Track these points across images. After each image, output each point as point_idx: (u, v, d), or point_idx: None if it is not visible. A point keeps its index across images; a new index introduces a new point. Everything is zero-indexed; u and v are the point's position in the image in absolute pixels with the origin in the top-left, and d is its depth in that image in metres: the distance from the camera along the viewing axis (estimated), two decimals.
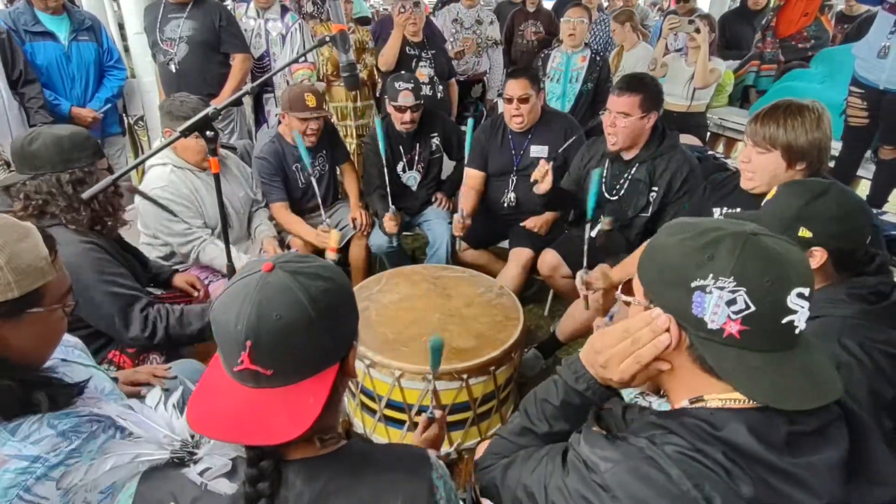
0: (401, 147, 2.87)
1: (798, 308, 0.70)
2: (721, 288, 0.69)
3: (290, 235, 2.67)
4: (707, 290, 0.70)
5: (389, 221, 2.62)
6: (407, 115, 2.70)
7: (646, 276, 0.81)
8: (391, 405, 1.82)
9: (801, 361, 0.72)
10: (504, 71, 4.43)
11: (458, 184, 2.90)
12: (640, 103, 2.09)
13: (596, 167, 2.35)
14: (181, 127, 1.43)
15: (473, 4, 4.20)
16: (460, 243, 2.78)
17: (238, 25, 3.24)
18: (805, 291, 0.70)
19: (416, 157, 2.91)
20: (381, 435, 1.91)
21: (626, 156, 2.25)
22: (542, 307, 2.98)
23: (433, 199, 3.03)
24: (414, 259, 3.36)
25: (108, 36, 3.21)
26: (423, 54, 3.49)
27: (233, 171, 2.45)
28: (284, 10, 3.45)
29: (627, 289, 0.87)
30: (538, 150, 2.68)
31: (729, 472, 0.66)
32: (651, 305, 0.78)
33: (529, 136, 2.68)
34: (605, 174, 2.31)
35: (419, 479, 0.80)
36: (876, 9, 3.08)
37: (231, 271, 1.72)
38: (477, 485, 1.01)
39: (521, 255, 2.58)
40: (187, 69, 3.10)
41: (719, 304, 0.70)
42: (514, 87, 2.55)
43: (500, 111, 2.86)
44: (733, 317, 0.69)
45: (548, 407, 0.94)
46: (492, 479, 0.96)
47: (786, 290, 0.69)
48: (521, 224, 2.68)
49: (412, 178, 2.95)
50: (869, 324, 1.10)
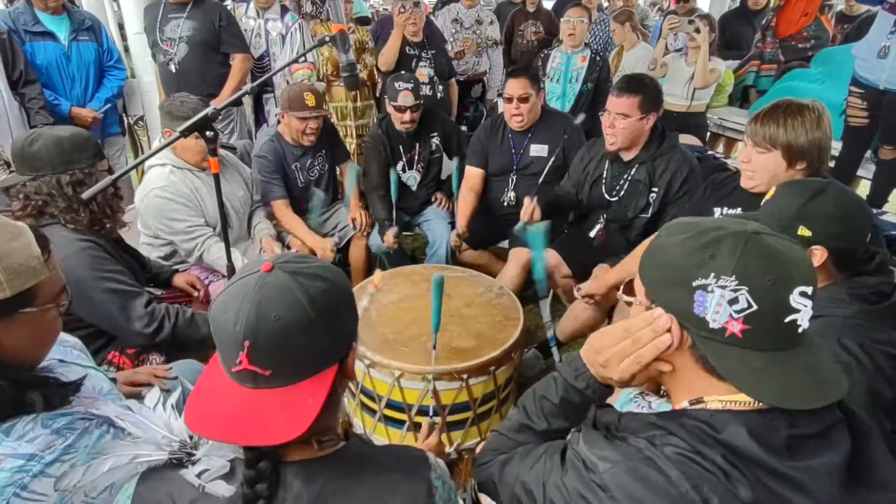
0: (400, 147, 2.87)
1: (801, 307, 0.69)
2: (723, 287, 0.69)
3: (291, 235, 2.67)
4: (709, 289, 0.70)
5: (389, 238, 2.62)
6: (407, 115, 2.71)
7: (647, 276, 0.80)
8: (391, 405, 1.82)
9: (804, 360, 0.71)
10: (504, 71, 4.43)
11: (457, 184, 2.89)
12: (640, 104, 2.08)
13: (595, 168, 2.36)
14: (181, 127, 1.43)
15: (473, 4, 4.21)
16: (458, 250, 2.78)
17: (238, 25, 3.24)
18: (808, 290, 0.69)
19: (415, 157, 2.91)
20: (380, 435, 1.91)
21: (625, 156, 2.24)
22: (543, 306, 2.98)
23: (433, 199, 3.03)
24: (414, 259, 3.36)
25: (108, 36, 3.22)
26: (423, 54, 3.49)
27: (232, 171, 2.44)
28: (284, 10, 3.45)
29: (629, 289, 0.86)
30: (538, 149, 2.68)
31: (728, 474, 0.66)
32: (652, 305, 0.78)
33: (529, 135, 2.68)
34: (605, 175, 2.31)
35: (418, 480, 0.80)
36: (876, 9, 3.08)
37: (231, 271, 1.72)
38: (475, 481, 1.01)
39: (520, 254, 2.57)
40: (187, 69, 3.10)
41: (721, 303, 0.69)
42: (514, 86, 2.55)
43: (500, 111, 2.86)
44: (735, 316, 0.69)
45: (546, 404, 0.93)
46: (489, 476, 0.95)
47: (788, 289, 0.69)
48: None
49: (412, 178, 2.95)
50: (869, 324, 1.10)
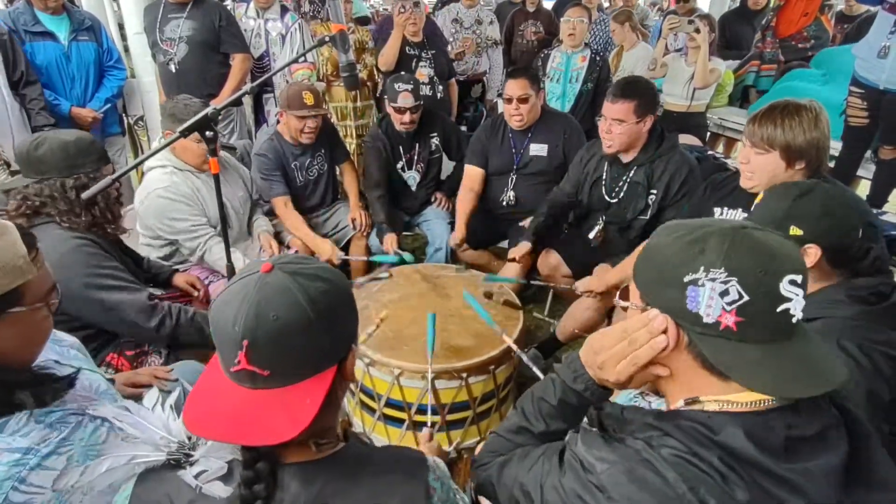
0: (400, 147, 2.86)
1: (792, 295, 0.69)
2: (713, 280, 0.70)
3: (291, 235, 2.67)
4: (699, 283, 0.71)
5: (389, 244, 2.62)
6: (406, 116, 2.70)
7: (640, 277, 0.81)
8: (390, 404, 1.82)
9: (800, 351, 0.71)
10: (504, 71, 4.43)
11: (457, 183, 2.89)
12: (635, 109, 2.07)
13: (595, 169, 2.35)
14: (181, 127, 1.43)
15: (473, 4, 4.20)
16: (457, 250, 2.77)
17: (238, 25, 3.24)
18: (797, 279, 0.70)
19: (415, 157, 2.91)
20: (380, 434, 1.91)
21: (624, 158, 2.24)
22: (541, 307, 2.98)
23: (433, 199, 3.03)
24: (414, 259, 3.35)
25: (107, 36, 3.22)
26: (423, 54, 3.48)
27: (231, 171, 2.44)
28: (284, 10, 3.45)
29: (625, 294, 0.87)
30: (538, 149, 2.68)
31: (724, 476, 0.66)
32: (648, 307, 0.78)
33: (529, 134, 2.68)
34: (604, 177, 2.31)
35: (416, 482, 0.80)
36: (876, 9, 3.08)
37: (231, 271, 1.72)
38: (473, 483, 1.01)
39: (521, 250, 2.56)
40: (187, 69, 3.10)
41: (713, 296, 0.70)
42: (514, 86, 2.55)
43: (499, 111, 2.86)
44: (727, 308, 0.69)
45: (545, 406, 0.93)
46: (488, 477, 0.95)
47: (778, 278, 0.69)
48: (521, 224, 2.68)
49: (412, 178, 2.95)
50: (869, 325, 1.10)
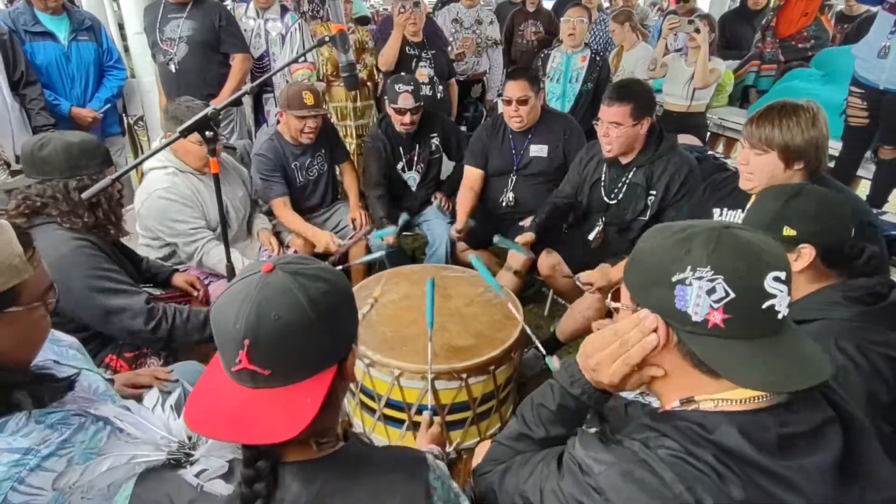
0: (400, 147, 2.86)
1: (777, 292, 0.71)
2: (700, 278, 0.71)
3: (291, 236, 2.67)
4: (687, 282, 0.72)
5: (391, 239, 2.61)
6: (407, 118, 2.71)
7: (630, 279, 0.83)
8: (390, 404, 1.82)
9: (788, 346, 0.73)
10: (504, 71, 4.43)
11: (457, 184, 2.90)
12: (631, 112, 2.07)
13: (594, 171, 2.35)
14: (181, 127, 1.43)
15: (473, 4, 4.21)
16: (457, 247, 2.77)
17: (238, 25, 3.24)
18: (781, 275, 0.72)
19: (415, 158, 2.91)
20: (380, 434, 1.91)
21: (623, 160, 2.24)
22: (541, 307, 2.98)
23: (433, 199, 3.03)
24: (414, 259, 3.36)
25: (107, 36, 3.22)
26: (423, 54, 3.48)
27: (231, 172, 2.45)
28: (284, 10, 3.45)
29: (616, 296, 0.89)
30: (538, 150, 2.68)
31: (720, 474, 0.67)
32: (638, 308, 0.80)
33: (529, 135, 2.68)
34: (603, 178, 2.31)
35: (416, 481, 0.80)
36: (876, 9, 3.07)
37: (231, 271, 1.72)
38: (476, 489, 1.02)
39: (520, 254, 2.57)
40: (187, 69, 3.10)
41: (700, 294, 0.72)
42: (513, 88, 2.55)
43: (499, 111, 2.86)
44: (715, 306, 0.71)
45: (544, 412, 0.94)
46: (489, 485, 0.96)
47: (762, 275, 0.71)
48: (521, 224, 2.67)
49: (412, 179, 2.95)
50: (867, 326, 1.10)
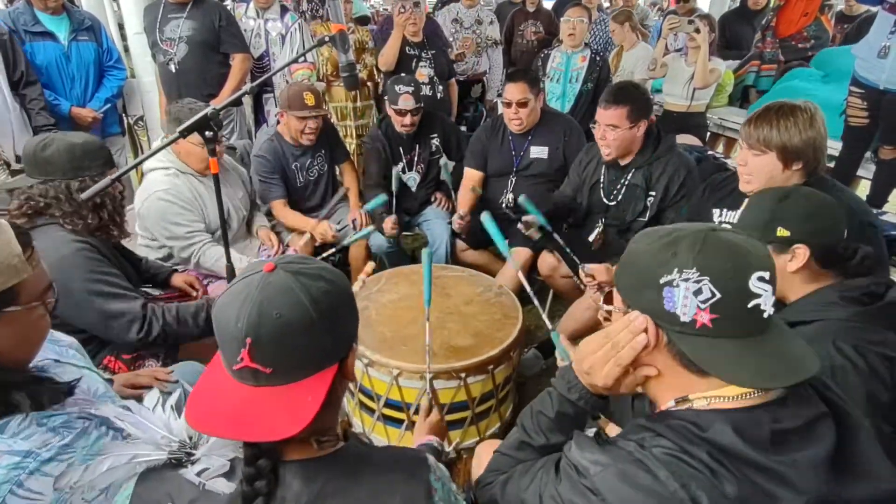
0: (400, 148, 2.86)
1: (761, 291, 0.73)
2: (686, 280, 0.73)
3: (290, 236, 2.67)
4: (674, 283, 0.74)
5: (390, 228, 2.62)
6: (407, 119, 2.71)
7: (621, 282, 0.85)
8: (389, 404, 1.82)
9: (774, 345, 0.75)
10: (504, 71, 4.42)
11: (457, 184, 2.90)
12: (628, 114, 2.08)
13: (593, 172, 2.35)
14: (181, 127, 1.43)
15: (473, 4, 4.21)
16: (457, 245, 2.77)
17: (238, 25, 3.24)
18: (766, 275, 0.74)
19: (415, 158, 2.91)
20: (379, 434, 1.91)
21: (621, 161, 2.24)
22: (541, 307, 2.97)
23: (432, 199, 3.03)
24: (414, 259, 3.35)
25: (107, 36, 3.22)
26: (423, 54, 3.48)
27: (231, 172, 2.45)
28: (284, 9, 3.45)
29: (608, 299, 0.91)
30: (538, 151, 2.68)
31: (714, 471, 0.68)
32: (629, 310, 0.82)
33: (529, 137, 2.68)
34: (602, 180, 2.31)
35: (416, 481, 0.81)
36: (876, 9, 3.07)
37: (231, 272, 1.72)
38: (479, 500, 1.03)
39: (520, 254, 2.57)
40: (187, 69, 3.10)
41: (687, 295, 0.74)
42: (513, 91, 2.55)
43: (499, 111, 2.86)
44: (702, 306, 0.73)
45: (543, 419, 0.96)
46: (492, 497, 0.97)
47: (747, 275, 0.73)
48: (520, 225, 2.67)
49: (412, 179, 2.95)
50: (864, 326, 1.10)
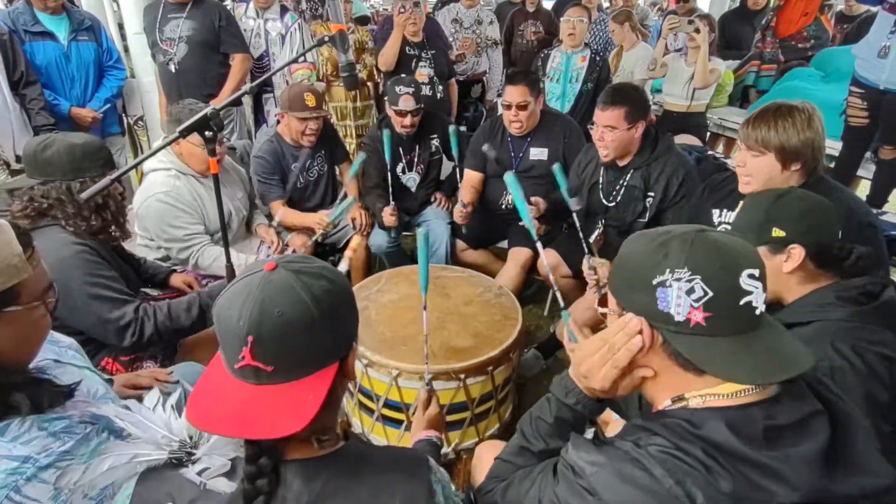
0: (400, 149, 2.86)
1: (752, 288, 0.75)
2: (678, 279, 0.75)
3: (290, 236, 2.67)
4: (667, 283, 0.75)
5: (389, 215, 2.61)
6: (407, 120, 2.71)
7: (614, 285, 0.86)
8: (389, 405, 1.82)
9: (768, 341, 0.76)
10: (503, 71, 4.43)
11: (457, 184, 2.90)
12: (625, 115, 2.07)
13: (592, 174, 2.35)
14: (180, 127, 1.43)
15: (473, 4, 4.21)
16: (459, 241, 2.76)
17: (237, 25, 3.24)
18: (755, 272, 0.75)
19: (415, 159, 2.91)
20: (378, 435, 1.91)
21: (620, 162, 2.23)
22: (541, 307, 2.98)
23: (432, 200, 3.03)
24: (413, 259, 3.32)
25: (107, 36, 3.22)
26: (423, 54, 3.48)
27: (231, 173, 2.45)
28: (284, 9, 3.46)
29: (603, 302, 0.91)
30: (537, 153, 2.67)
31: (709, 468, 0.69)
32: (624, 313, 0.83)
33: (529, 138, 2.68)
34: (601, 181, 2.31)
35: (417, 481, 0.81)
36: (876, 9, 3.07)
37: (231, 272, 1.72)
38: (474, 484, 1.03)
39: (520, 254, 2.57)
40: (187, 69, 3.10)
41: (680, 294, 0.75)
42: (513, 93, 2.54)
43: (499, 112, 2.86)
44: (695, 305, 0.74)
45: (542, 425, 0.97)
46: (494, 503, 0.98)
47: (737, 272, 0.74)
48: (521, 224, 2.67)
49: (411, 180, 2.95)
50: (862, 325, 1.10)
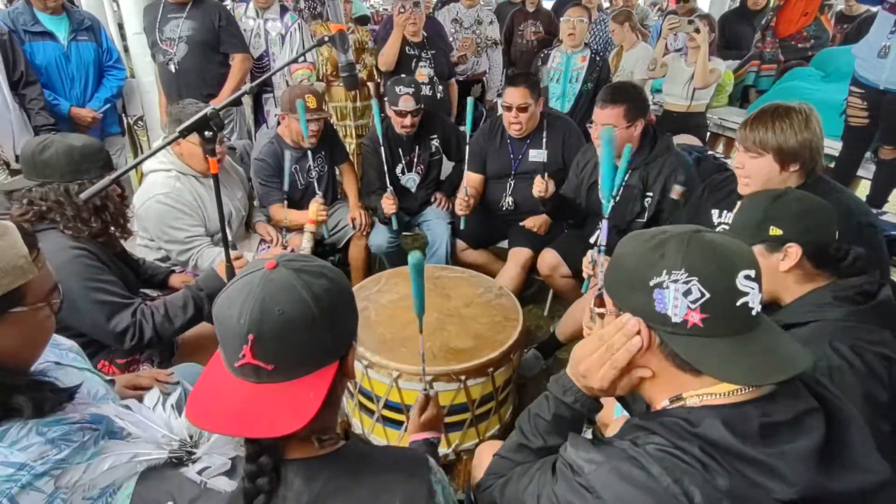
0: (400, 149, 2.86)
1: (749, 289, 0.75)
2: (675, 281, 0.75)
3: (289, 236, 2.67)
4: (664, 285, 0.75)
5: (388, 202, 2.59)
6: (407, 120, 2.70)
7: (611, 286, 0.86)
8: (389, 406, 1.82)
9: (764, 342, 0.76)
10: (503, 71, 4.43)
11: (457, 184, 2.90)
12: (625, 114, 2.07)
13: (591, 174, 2.35)
14: (180, 127, 1.43)
15: (473, 4, 4.21)
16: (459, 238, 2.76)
17: (237, 25, 3.24)
18: (751, 273, 0.75)
19: (415, 160, 2.91)
20: (379, 436, 1.91)
21: (619, 162, 2.23)
22: (541, 307, 2.98)
23: (432, 200, 3.03)
24: None
25: (107, 36, 3.22)
26: (423, 54, 3.49)
27: (231, 174, 2.45)
28: (284, 9, 3.46)
29: (600, 302, 0.91)
30: (537, 154, 2.67)
31: (706, 466, 0.69)
32: (621, 312, 0.83)
33: (528, 140, 2.68)
34: (599, 181, 2.30)
35: (417, 481, 0.81)
36: (876, 9, 3.08)
37: (230, 272, 1.72)
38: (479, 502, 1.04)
39: (520, 254, 2.57)
40: (187, 69, 3.10)
41: (677, 296, 0.75)
42: (514, 95, 2.54)
43: (499, 112, 2.86)
44: (692, 306, 0.74)
45: (541, 422, 0.97)
46: (492, 499, 0.98)
47: (733, 274, 0.74)
48: (521, 224, 2.67)
49: (411, 180, 2.95)
50: (860, 325, 1.11)
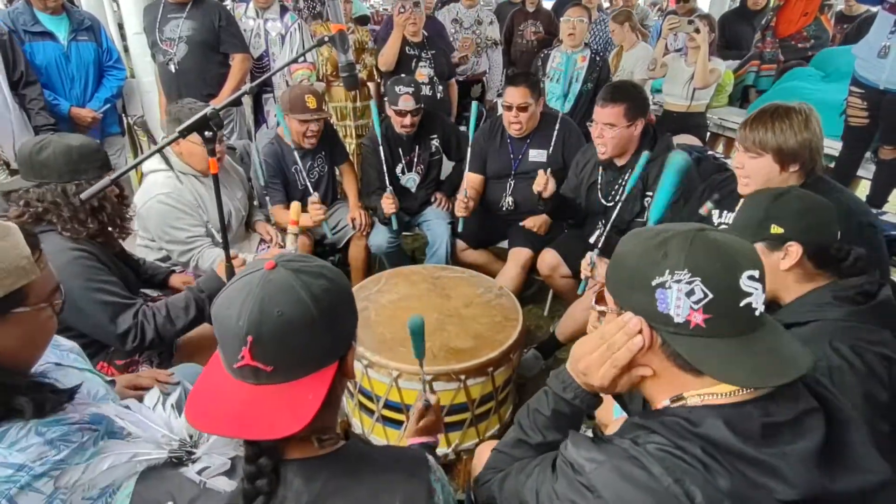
0: (400, 149, 2.86)
1: (752, 290, 0.74)
2: (678, 281, 0.74)
3: (288, 236, 2.67)
4: (666, 285, 0.74)
5: (387, 202, 2.59)
6: (407, 119, 2.71)
7: (612, 284, 0.85)
8: (389, 406, 1.82)
9: (767, 343, 0.75)
10: (503, 71, 4.43)
11: (457, 184, 2.90)
12: (625, 112, 2.07)
13: (590, 174, 2.35)
14: (180, 127, 1.43)
15: (473, 4, 4.21)
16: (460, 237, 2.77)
17: (237, 25, 3.24)
18: (755, 273, 0.74)
19: (415, 160, 2.91)
20: (378, 435, 1.91)
21: (618, 162, 2.23)
22: (541, 307, 2.98)
23: (432, 200, 3.03)
24: (413, 259, 3.36)
25: (107, 36, 3.22)
26: (423, 54, 3.49)
27: (231, 174, 2.45)
28: (284, 9, 3.46)
29: (601, 300, 0.91)
30: (537, 154, 2.67)
31: (707, 466, 0.69)
32: (622, 311, 0.82)
33: (528, 140, 2.68)
34: (599, 181, 2.31)
35: (417, 481, 0.81)
36: (876, 9, 3.08)
37: (230, 272, 1.72)
38: (477, 497, 1.03)
39: (520, 254, 2.57)
40: (187, 69, 3.10)
41: (680, 296, 0.74)
42: (514, 94, 2.54)
43: (499, 112, 2.86)
44: (695, 307, 0.73)
45: (540, 418, 0.97)
46: (490, 494, 0.98)
47: (737, 274, 0.73)
48: (521, 224, 2.67)
49: (411, 180, 2.95)
50: (860, 325, 1.11)
